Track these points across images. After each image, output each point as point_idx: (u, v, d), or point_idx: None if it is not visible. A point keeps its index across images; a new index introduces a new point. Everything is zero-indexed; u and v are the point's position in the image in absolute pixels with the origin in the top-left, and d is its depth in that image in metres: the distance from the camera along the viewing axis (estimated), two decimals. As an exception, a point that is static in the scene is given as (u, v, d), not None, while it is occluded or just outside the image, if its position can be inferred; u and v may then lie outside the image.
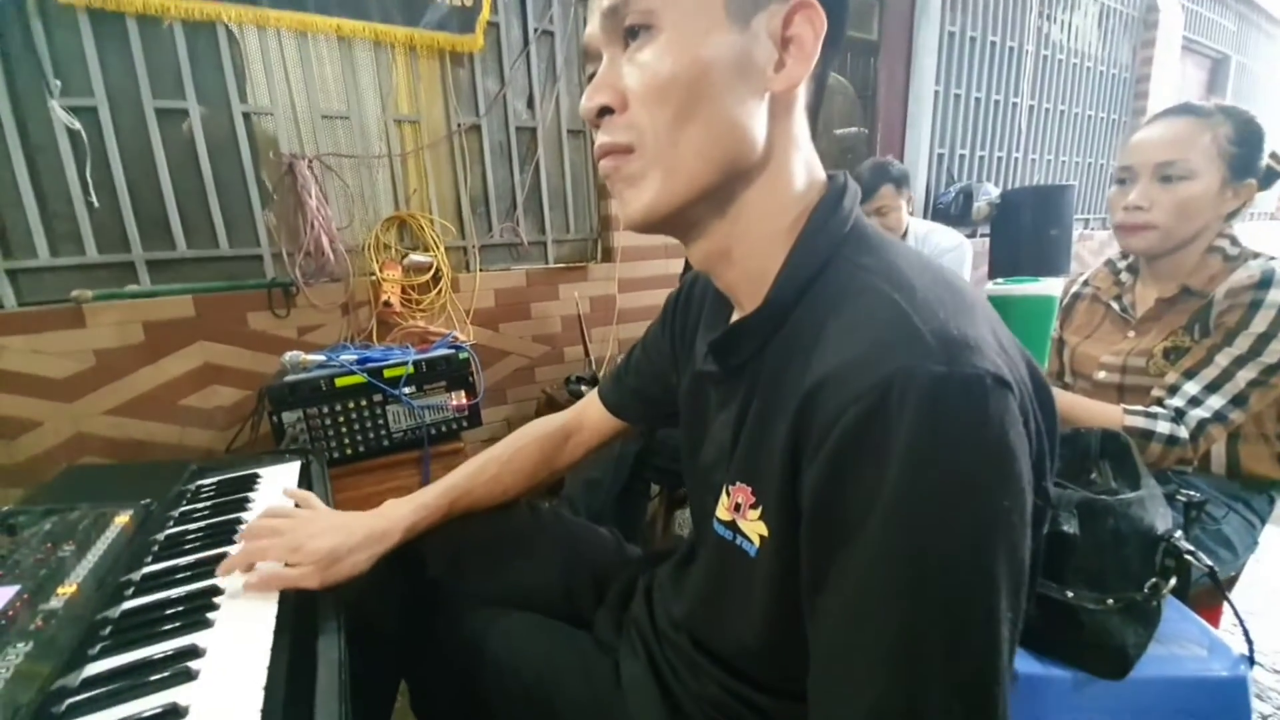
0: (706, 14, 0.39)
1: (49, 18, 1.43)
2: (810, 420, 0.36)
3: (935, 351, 0.33)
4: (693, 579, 0.54)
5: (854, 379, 0.34)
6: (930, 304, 0.36)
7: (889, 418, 0.32)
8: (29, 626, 0.52)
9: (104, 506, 0.75)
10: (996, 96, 3.36)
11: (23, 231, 1.49)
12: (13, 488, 1.53)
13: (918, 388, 0.32)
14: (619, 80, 0.41)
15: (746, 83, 0.40)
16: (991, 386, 0.33)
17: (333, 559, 0.59)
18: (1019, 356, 0.39)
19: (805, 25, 0.40)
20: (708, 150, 0.41)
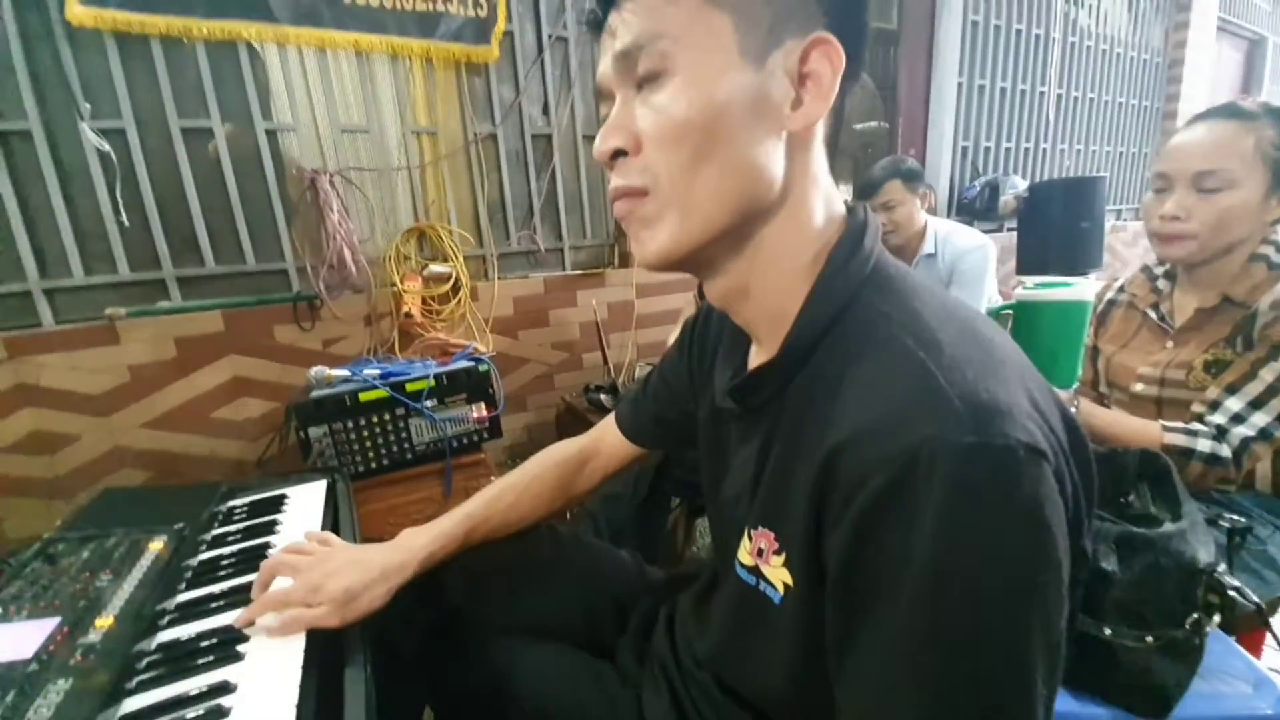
0: (720, 55, 0.39)
1: (77, 42, 1.47)
2: (834, 481, 0.35)
3: (964, 419, 0.32)
4: (716, 617, 0.54)
5: (879, 443, 0.33)
6: (958, 363, 0.34)
7: (916, 489, 0.31)
8: (69, 662, 0.53)
9: (139, 532, 0.77)
10: (1023, 86, 3.26)
11: (58, 251, 1.54)
12: (55, 499, 1.59)
13: (946, 460, 0.31)
14: (632, 122, 0.41)
15: (762, 122, 0.40)
16: (1025, 457, 0.31)
17: (350, 597, 0.59)
18: (1053, 409, 0.38)
19: (823, 61, 0.39)
20: (723, 192, 0.40)
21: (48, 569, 0.67)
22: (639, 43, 0.39)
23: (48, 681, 0.50)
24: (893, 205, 1.76)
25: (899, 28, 3.06)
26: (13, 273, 1.50)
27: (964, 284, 1.77)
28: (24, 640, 0.55)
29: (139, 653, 0.57)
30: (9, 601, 0.61)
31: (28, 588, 0.64)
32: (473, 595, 0.69)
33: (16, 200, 1.47)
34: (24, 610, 0.60)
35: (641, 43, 0.39)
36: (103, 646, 0.56)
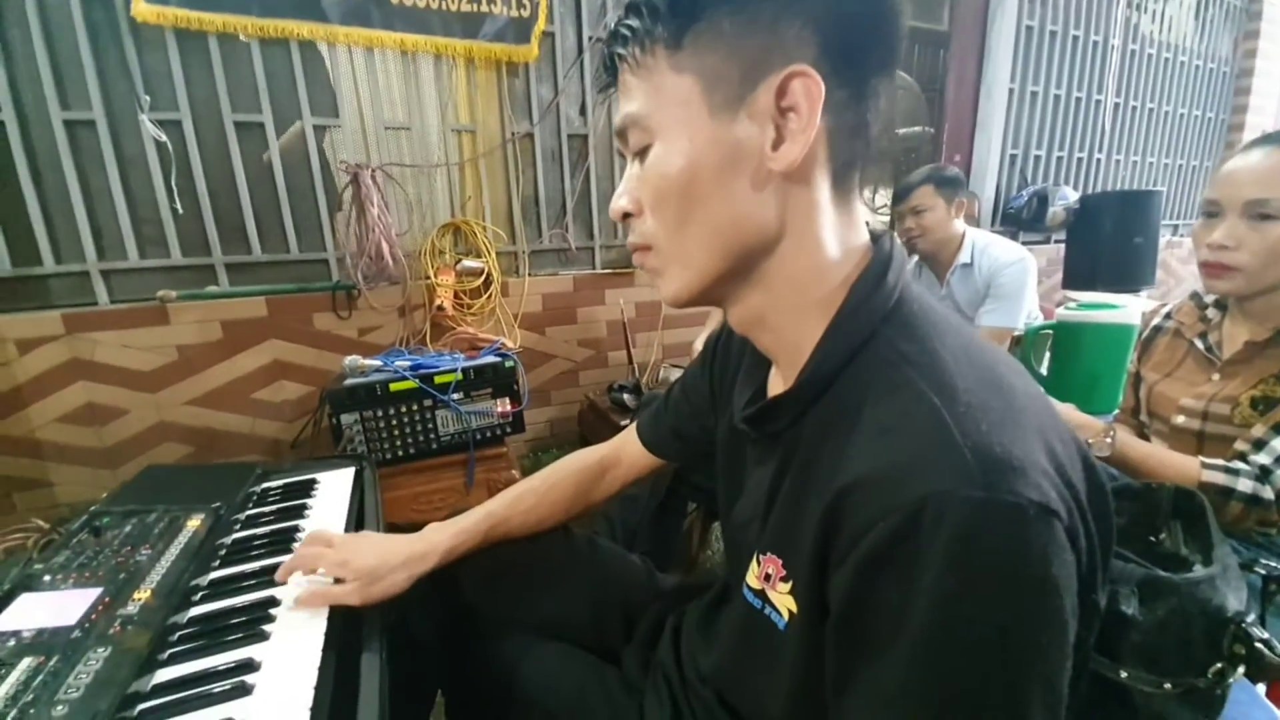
0: (690, 118, 0.40)
1: (140, 37, 1.55)
2: (840, 523, 0.35)
3: (974, 474, 0.31)
4: (721, 634, 0.54)
5: (886, 491, 0.33)
6: (973, 412, 0.34)
7: (919, 542, 0.31)
8: (109, 631, 0.57)
9: (178, 509, 0.82)
10: (1078, 94, 3.14)
11: (115, 235, 1.62)
12: (102, 468, 1.69)
13: (952, 515, 0.30)
14: (634, 188, 0.44)
15: (740, 172, 0.40)
16: (1034, 517, 0.31)
17: (373, 577, 0.63)
18: (1075, 459, 0.37)
19: (799, 94, 0.38)
20: (711, 245, 0.42)
21: (93, 540, 0.72)
22: (624, 124, 0.43)
23: (89, 649, 0.54)
24: (922, 210, 1.73)
25: (949, 29, 2.97)
26: (73, 253, 1.59)
27: (1001, 298, 1.72)
28: (69, 608, 0.59)
29: (172, 625, 0.60)
30: (57, 570, 0.65)
31: (74, 557, 0.68)
32: (486, 591, 0.71)
33: (79, 185, 1.56)
34: (70, 579, 0.64)
35: (627, 124, 0.43)
36: (139, 618, 0.59)
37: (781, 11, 0.38)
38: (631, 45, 0.41)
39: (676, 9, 0.39)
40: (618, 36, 0.42)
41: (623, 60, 0.43)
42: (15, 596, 0.61)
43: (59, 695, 0.48)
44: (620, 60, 0.43)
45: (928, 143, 3.17)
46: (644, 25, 0.41)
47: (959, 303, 1.80)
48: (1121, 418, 1.10)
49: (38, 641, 0.55)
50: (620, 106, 0.44)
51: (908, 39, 0.41)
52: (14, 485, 1.60)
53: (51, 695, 0.48)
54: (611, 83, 0.45)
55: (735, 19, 0.38)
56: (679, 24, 0.39)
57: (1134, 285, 2.80)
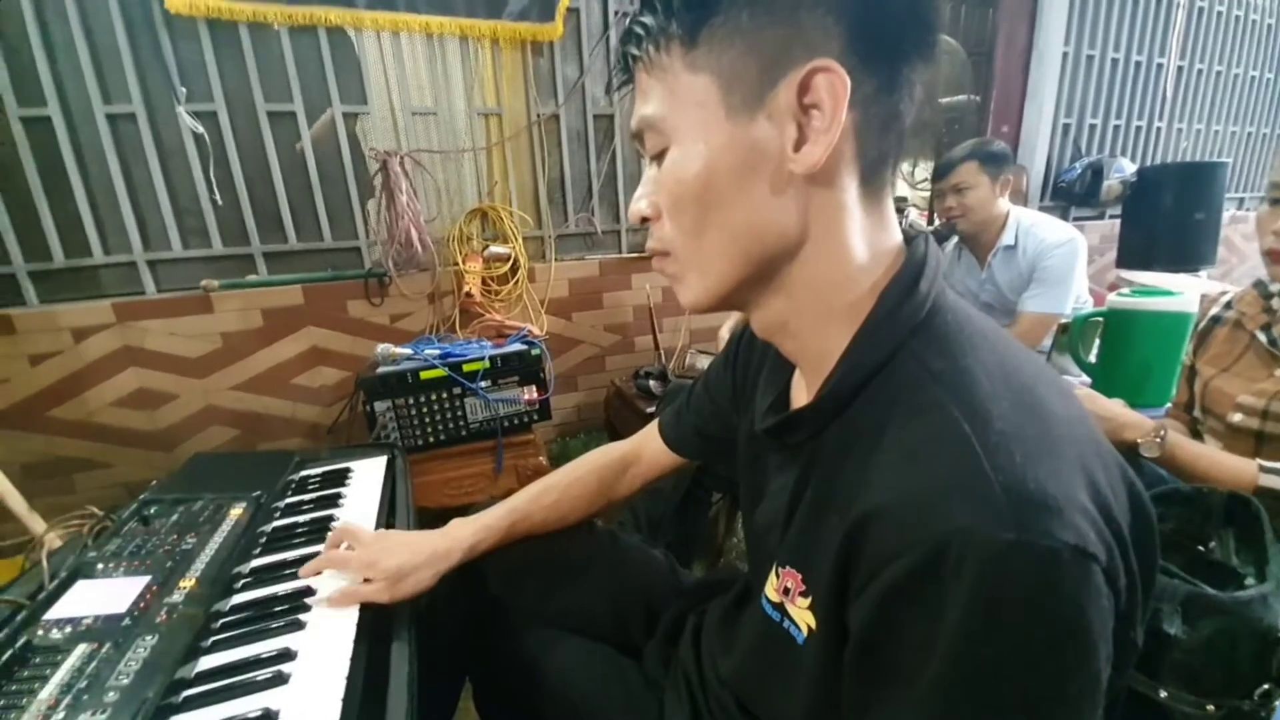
0: (706, 120, 0.38)
1: (174, 29, 1.58)
2: (861, 550, 0.34)
3: (1004, 512, 0.29)
4: (741, 640, 0.54)
5: (909, 523, 0.31)
6: (1006, 441, 0.32)
7: (943, 581, 0.29)
8: (156, 619, 0.60)
9: (222, 497, 0.85)
10: (1138, 57, 2.93)
11: (159, 226, 1.68)
12: (154, 450, 1.78)
13: (978, 557, 0.29)
14: (652, 191, 0.43)
15: (758, 176, 0.38)
16: (1069, 561, 0.29)
17: (400, 575, 0.64)
18: (1119, 486, 0.35)
19: (822, 91, 0.36)
20: (730, 251, 0.41)
21: (142, 529, 0.76)
22: (640, 127, 0.42)
23: (138, 636, 0.57)
24: (964, 188, 1.64)
25: (997, -10, 2.80)
26: (120, 244, 1.66)
27: (1046, 282, 1.63)
28: (120, 596, 0.63)
29: (215, 613, 0.63)
30: (109, 558, 0.69)
31: (125, 545, 0.72)
32: (511, 586, 0.73)
33: (123, 178, 1.62)
34: (121, 567, 0.68)
35: (642, 127, 0.42)
36: (185, 606, 0.62)
37: (801, 1, 0.36)
38: (646, 44, 0.40)
39: (691, 3, 0.37)
40: (631, 35, 0.41)
41: (637, 60, 0.41)
42: (73, 583, 0.65)
43: (110, 682, 0.52)
44: (634, 60, 0.41)
45: (973, 112, 3.00)
46: (658, 22, 0.39)
47: (1001, 286, 1.72)
48: (1173, 413, 1.05)
49: (91, 628, 0.58)
50: (636, 108, 0.42)
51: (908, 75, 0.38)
52: (74, 466, 1.70)
53: (103, 682, 0.51)
54: (628, 81, 0.43)
55: (753, 11, 0.36)
56: (694, 19, 0.37)
57: (1194, 264, 2.63)
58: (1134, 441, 0.84)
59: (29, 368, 1.62)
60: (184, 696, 0.53)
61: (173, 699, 0.52)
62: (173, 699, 0.52)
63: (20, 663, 0.54)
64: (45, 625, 0.59)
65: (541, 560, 0.74)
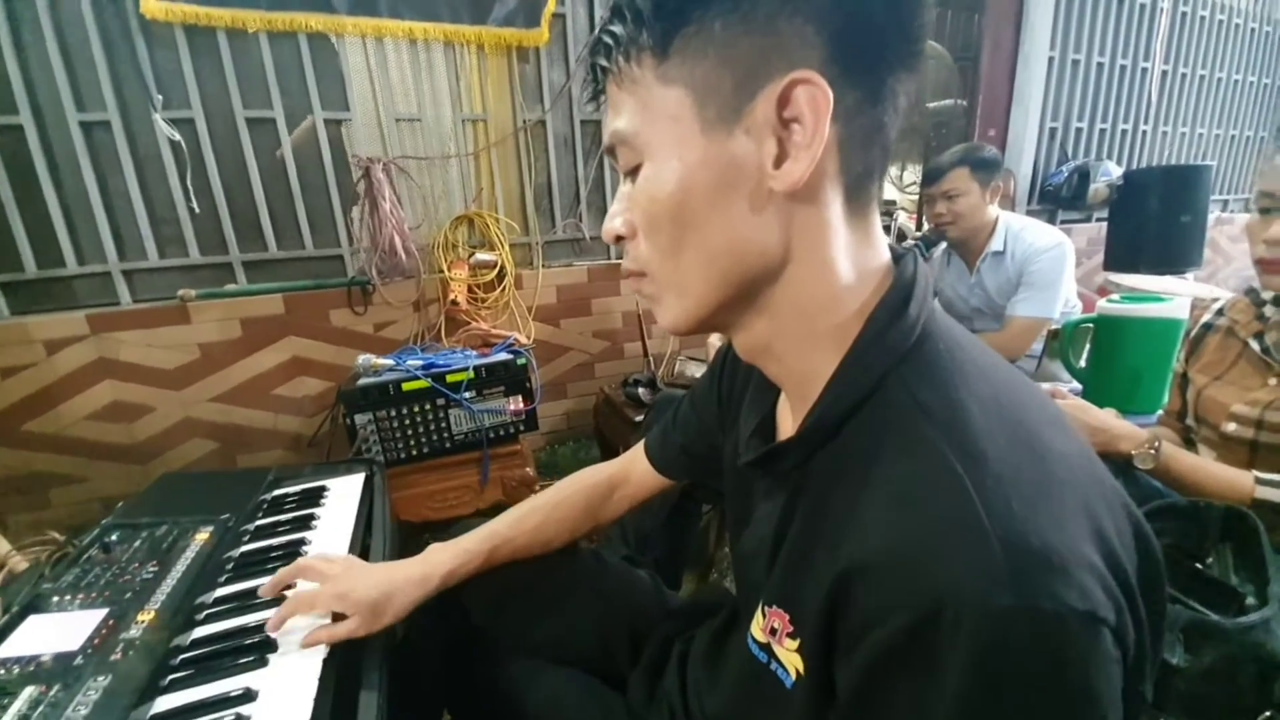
0: (680, 135, 0.36)
1: (150, 35, 1.54)
2: (848, 604, 0.31)
3: (1002, 572, 0.27)
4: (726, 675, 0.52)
5: (898, 580, 0.29)
6: (1003, 487, 0.29)
7: (938, 646, 0.27)
8: (110, 657, 0.57)
9: (188, 521, 0.82)
10: (1123, 61, 2.95)
11: (134, 235, 1.64)
12: (132, 464, 1.73)
13: (975, 622, 0.26)
14: (626, 209, 0.41)
15: (737, 194, 0.36)
16: (1076, 627, 0.26)
17: (376, 610, 0.61)
18: (1124, 526, 0.32)
19: (803, 104, 0.34)
20: (708, 272, 0.38)
21: (103, 556, 0.72)
22: (612, 142, 0.40)
23: (90, 677, 0.54)
24: (955, 195, 1.63)
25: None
26: (95, 254, 1.61)
27: (1035, 286, 1.62)
28: (75, 631, 0.59)
29: (175, 648, 0.60)
30: (66, 590, 0.66)
31: (84, 575, 0.69)
32: (492, 613, 0.70)
33: (98, 186, 1.58)
34: (78, 599, 0.64)
35: (614, 141, 0.39)
36: (142, 641, 0.59)
37: (780, 8, 0.33)
38: (615, 55, 0.37)
39: (661, 12, 0.35)
40: (600, 46, 0.38)
41: (607, 72, 0.39)
42: (24, 619, 0.62)
43: (56, 730, 0.48)
44: (604, 72, 0.39)
45: (960, 116, 3.02)
46: (628, 32, 0.36)
47: (989, 291, 1.72)
48: (1166, 421, 1.03)
49: (40, 669, 0.55)
50: (607, 121, 0.40)
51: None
52: (50, 481, 1.66)
53: (48, 729, 0.48)
54: (599, 94, 0.41)
55: (727, 20, 0.34)
56: (665, 29, 0.35)
57: (1180, 266, 2.65)
58: (1128, 453, 0.83)
59: (1, 380, 1.57)
60: (136, 742, 0.50)
61: (123, 746, 0.49)
62: (123, 746, 0.49)
63: (-38, 707, 0.51)
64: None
65: (523, 586, 0.71)
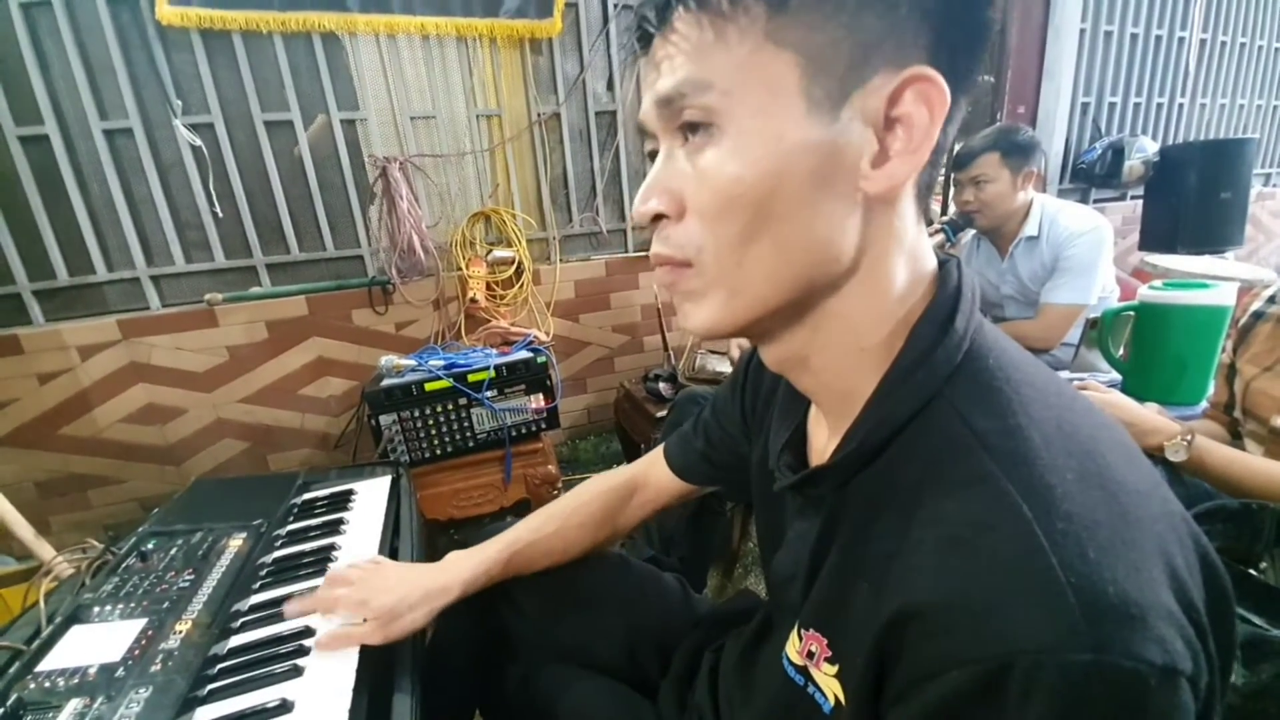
0: (780, 110, 0.31)
1: (167, 42, 1.55)
2: (902, 650, 0.29)
3: (1080, 628, 0.25)
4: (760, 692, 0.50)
5: (961, 632, 0.27)
6: (1075, 529, 0.27)
7: (1005, 708, 0.25)
8: (150, 668, 0.58)
9: (222, 528, 0.83)
10: (1158, 31, 2.81)
11: (161, 241, 1.67)
12: (166, 464, 1.78)
13: (1049, 682, 0.25)
14: (675, 183, 0.35)
15: (832, 187, 0.32)
16: (1156, 684, 0.25)
17: (392, 616, 0.61)
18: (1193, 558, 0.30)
19: (918, 104, 0.31)
20: (778, 272, 0.34)
21: (140, 565, 0.74)
22: (681, 90, 0.32)
23: (132, 689, 0.55)
24: (983, 181, 1.56)
25: (1011, -34, 2.69)
26: (123, 260, 1.65)
27: (1070, 272, 1.56)
28: (116, 642, 0.61)
29: (213, 657, 0.61)
30: (106, 600, 0.67)
31: (122, 584, 0.70)
32: (522, 617, 0.70)
33: (123, 193, 1.60)
34: (117, 610, 0.66)
35: (685, 90, 0.32)
36: (180, 652, 0.60)
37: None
38: None
39: None
40: None
41: (692, 9, 0.32)
42: (67, 629, 0.63)
43: (101, 743, 0.49)
44: (686, 8, 0.32)
45: (987, 92, 2.89)
46: None
47: (1022, 277, 1.66)
48: (1211, 413, 0.99)
49: (84, 681, 0.56)
50: (673, 65, 0.33)
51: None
52: (88, 483, 1.71)
53: (94, 743, 0.49)
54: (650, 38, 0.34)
55: None
56: None
57: (1220, 245, 2.54)
58: (1159, 446, 0.80)
59: (38, 387, 1.62)
60: (177, 755, 0.51)
61: (166, 759, 0.50)
62: (166, 759, 0.50)
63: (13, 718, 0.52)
64: (38, 677, 0.57)
65: (552, 591, 0.71)
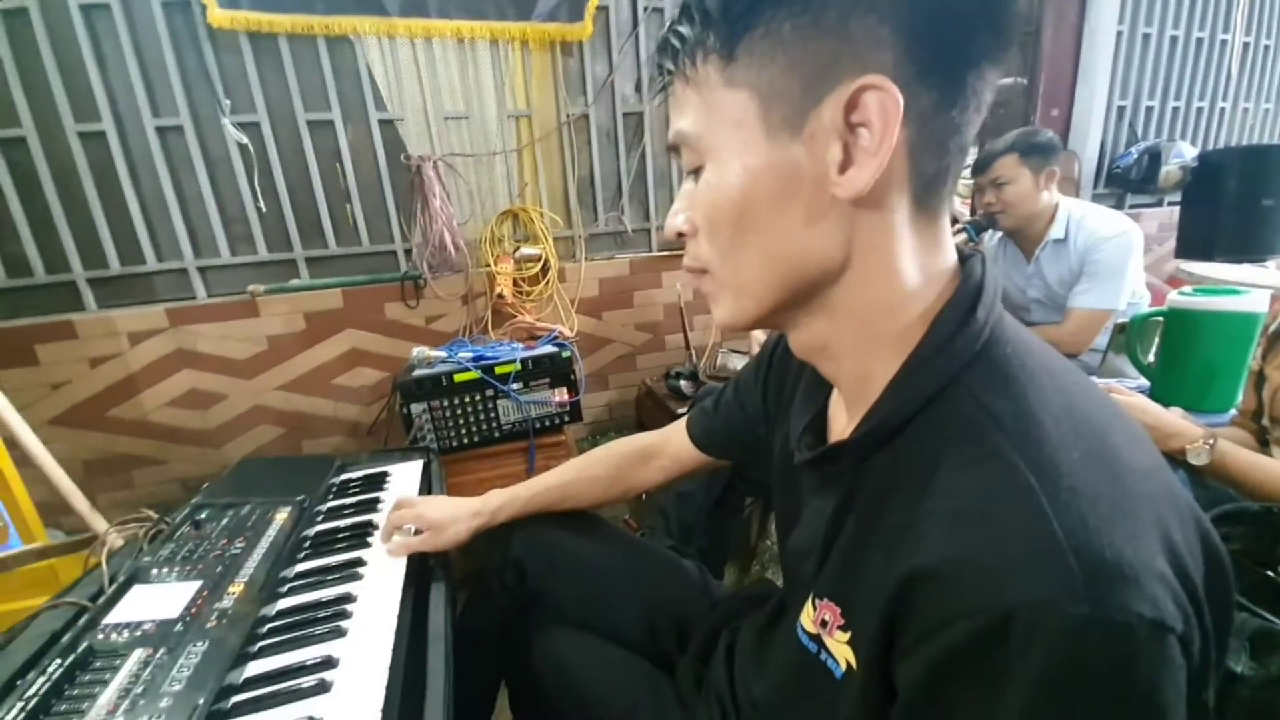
0: (743, 140, 0.36)
1: (217, 43, 1.63)
2: (912, 610, 0.32)
3: (1077, 584, 0.27)
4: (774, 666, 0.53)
5: (969, 589, 0.29)
6: (1078, 500, 0.29)
7: (1008, 655, 0.28)
8: (206, 625, 0.62)
9: (268, 502, 0.88)
10: (1199, 34, 2.75)
11: (208, 234, 1.75)
12: (207, 447, 1.86)
13: (1048, 633, 0.27)
14: (687, 207, 0.41)
15: (798, 201, 0.36)
16: (1145, 636, 0.27)
17: (440, 527, 0.76)
18: (1193, 538, 0.32)
19: (871, 109, 0.33)
20: (767, 276, 0.39)
21: (194, 533, 0.79)
22: (675, 141, 0.40)
23: (190, 642, 0.59)
24: (1003, 183, 1.56)
25: (1045, -34, 2.66)
26: (172, 251, 1.73)
27: (1098, 276, 1.55)
28: (174, 601, 0.65)
29: (262, 618, 0.65)
30: (163, 563, 0.72)
31: (179, 549, 0.75)
32: (549, 579, 0.75)
33: (173, 188, 1.68)
34: (174, 572, 0.71)
35: (677, 141, 0.40)
36: (233, 611, 0.65)
37: (853, 8, 0.33)
38: (681, 57, 0.38)
39: (729, 14, 0.35)
40: (667, 47, 0.39)
41: (673, 73, 0.39)
42: (130, 587, 0.68)
43: (164, 687, 0.54)
44: (670, 73, 0.39)
45: (1019, 95, 2.85)
46: (695, 34, 0.37)
47: (1049, 281, 1.65)
48: (1239, 421, 0.98)
49: (146, 634, 0.61)
50: (672, 120, 0.40)
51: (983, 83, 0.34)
52: (132, 463, 1.79)
53: (158, 687, 0.54)
54: (665, 87, 0.41)
55: (797, 22, 0.33)
56: (732, 31, 0.35)
57: (1260, 254, 2.47)
58: (1180, 449, 0.80)
59: (89, 370, 1.71)
60: (233, 702, 0.55)
61: (222, 704, 0.54)
62: (222, 704, 0.54)
63: (82, 666, 0.57)
64: (105, 629, 0.62)
65: (582, 560, 0.75)
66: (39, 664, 0.56)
